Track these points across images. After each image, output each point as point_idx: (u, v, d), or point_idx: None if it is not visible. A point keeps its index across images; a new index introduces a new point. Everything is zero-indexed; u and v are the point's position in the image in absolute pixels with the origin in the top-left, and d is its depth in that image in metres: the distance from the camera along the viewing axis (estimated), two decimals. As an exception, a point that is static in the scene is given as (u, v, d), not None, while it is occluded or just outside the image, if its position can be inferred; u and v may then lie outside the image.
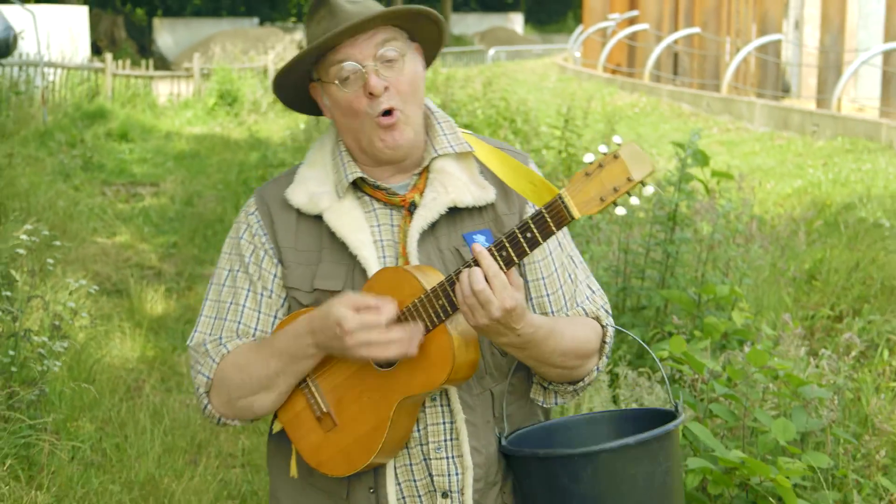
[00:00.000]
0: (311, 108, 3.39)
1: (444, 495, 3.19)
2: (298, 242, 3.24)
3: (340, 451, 3.11)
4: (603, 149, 2.84)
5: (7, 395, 6.73)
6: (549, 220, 2.86)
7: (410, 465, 3.19)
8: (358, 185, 3.25)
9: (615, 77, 28.57)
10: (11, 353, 6.97)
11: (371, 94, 3.10)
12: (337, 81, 3.14)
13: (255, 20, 54.36)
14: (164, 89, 31.02)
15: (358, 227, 3.17)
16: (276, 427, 3.24)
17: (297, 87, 3.32)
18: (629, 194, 2.82)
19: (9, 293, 7.52)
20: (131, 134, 23.08)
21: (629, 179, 2.77)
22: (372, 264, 3.13)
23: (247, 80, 30.12)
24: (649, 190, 2.81)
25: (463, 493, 3.18)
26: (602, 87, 25.80)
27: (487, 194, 3.23)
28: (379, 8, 3.14)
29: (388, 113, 3.13)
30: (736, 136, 19.23)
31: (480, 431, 3.21)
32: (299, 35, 43.56)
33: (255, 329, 3.25)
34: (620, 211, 2.84)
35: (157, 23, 50.95)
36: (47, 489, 6.14)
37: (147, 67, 32.72)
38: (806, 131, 19.42)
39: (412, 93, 3.19)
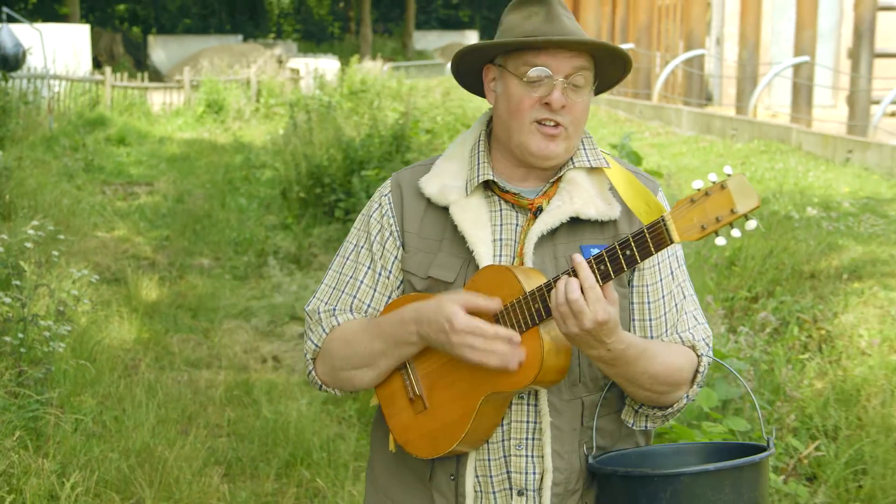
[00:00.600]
0: (472, 81, 3.13)
1: (520, 493, 2.98)
2: (423, 230, 3.04)
3: (427, 434, 2.95)
4: (713, 177, 2.58)
5: (17, 374, 6.72)
6: (648, 239, 2.64)
7: (489, 459, 2.98)
8: (489, 186, 3.03)
9: (559, 87, 28.60)
10: (21, 335, 6.94)
11: (548, 104, 2.87)
12: (525, 79, 2.88)
13: (240, 37, 54.07)
14: (158, 99, 30.94)
15: (480, 223, 2.96)
16: (373, 401, 3.10)
17: (474, 58, 3.05)
18: (731, 226, 2.57)
19: (18, 282, 7.51)
20: (128, 139, 23.04)
21: (733, 211, 2.53)
22: (485, 261, 2.92)
23: (232, 91, 30.04)
24: (752, 224, 2.56)
25: (540, 494, 2.97)
26: (547, 96, 25.80)
27: (612, 210, 2.97)
28: (586, 35, 2.95)
29: (554, 126, 2.90)
30: (665, 140, 19.28)
31: (565, 437, 2.96)
32: (279, 50, 43.42)
33: (369, 306, 3.08)
34: (720, 241, 2.60)
35: (152, 39, 50.71)
36: (53, 457, 6.10)
37: (142, 80, 32.66)
38: (726, 135, 19.49)
39: (582, 119, 2.97)
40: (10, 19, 24.20)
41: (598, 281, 2.66)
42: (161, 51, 47.24)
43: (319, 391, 3.18)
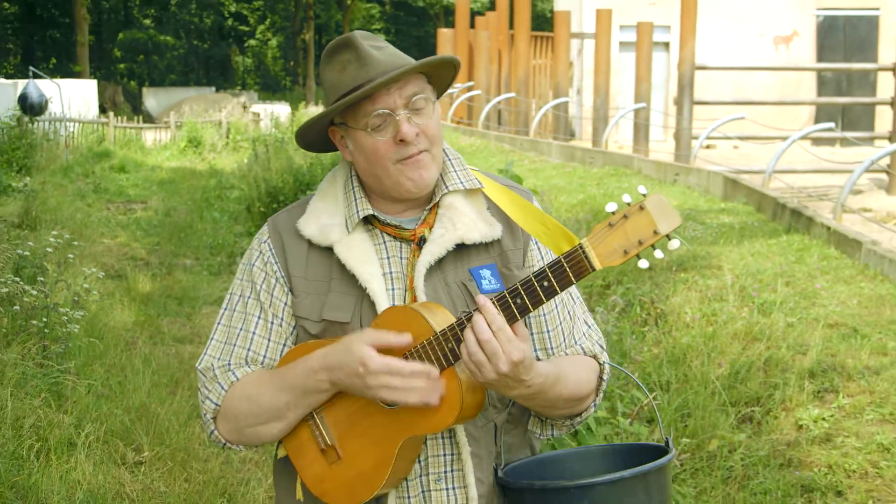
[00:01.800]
0: (325, 146, 2.51)
1: None
2: (309, 272, 2.38)
3: (344, 484, 2.31)
4: (627, 198, 2.05)
5: (42, 349, 6.70)
6: (568, 270, 2.08)
7: (408, 496, 2.34)
8: (368, 220, 2.40)
9: (459, 126, 28.62)
10: (44, 319, 6.93)
11: (403, 140, 2.29)
12: (369, 129, 2.30)
13: (213, 89, 53.84)
14: (150, 136, 30.86)
15: (367, 259, 2.33)
16: (281, 453, 2.44)
17: (315, 129, 2.44)
18: (653, 247, 2.05)
19: (42, 278, 7.52)
20: (127, 167, 22.99)
21: (655, 232, 2.01)
22: (380, 296, 2.30)
23: (207, 130, 29.95)
24: (675, 244, 2.02)
25: None
26: (451, 132, 25.89)
27: (494, 231, 2.37)
28: (406, 58, 2.36)
29: (418, 153, 2.33)
30: (539, 166, 19.38)
31: (484, 462, 2.37)
32: (243, 99, 43.17)
33: (265, 357, 2.40)
34: (643, 264, 2.06)
35: (145, 90, 50.35)
36: (70, 413, 6.08)
37: (138, 121, 32.70)
38: (586, 162, 19.66)
39: (438, 136, 2.37)
40: (36, 76, 24.31)
41: (514, 316, 2.12)
42: (153, 99, 46.83)
43: (223, 449, 2.54)
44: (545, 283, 2.09)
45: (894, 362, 6.45)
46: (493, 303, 2.12)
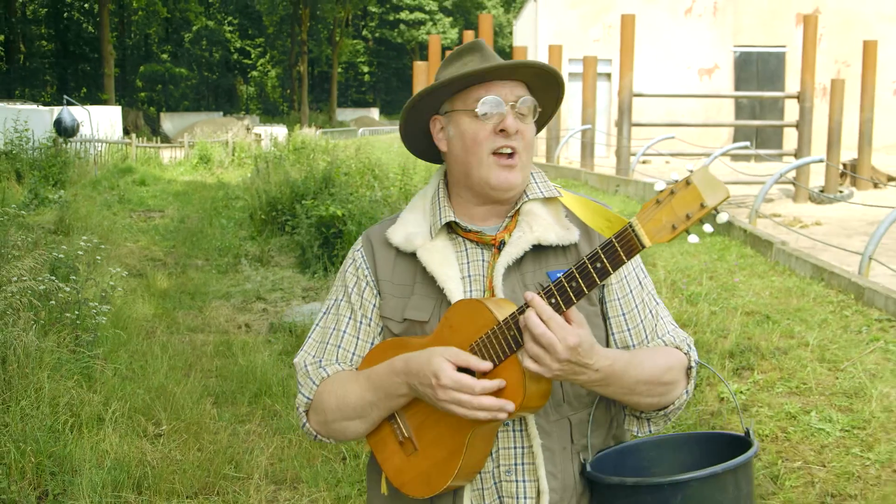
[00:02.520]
0: (420, 141, 2.29)
1: None
2: (395, 276, 2.21)
3: (421, 474, 2.08)
4: (675, 175, 1.81)
5: (74, 338, 6.65)
6: (619, 248, 1.83)
7: (482, 489, 2.10)
8: (451, 228, 2.19)
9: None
10: (77, 312, 6.87)
11: (503, 131, 2.08)
12: (476, 111, 2.09)
13: (221, 113, 53.63)
14: (167, 154, 30.62)
15: (447, 263, 2.13)
16: (366, 448, 2.16)
17: (419, 118, 2.23)
18: (702, 222, 1.77)
19: (74, 277, 7.46)
20: (147, 181, 22.82)
21: (702, 206, 1.72)
22: (456, 297, 2.08)
23: (216, 149, 29.86)
24: (724, 217, 1.75)
25: None
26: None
27: (571, 235, 2.14)
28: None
29: (510, 155, 2.11)
30: (500, 179, 19.41)
31: (557, 457, 2.09)
32: (247, 122, 43.01)
33: (354, 353, 2.23)
34: (693, 239, 1.79)
35: (163, 115, 49.98)
36: (99, 392, 6.05)
37: (157, 142, 32.40)
38: (539, 175, 19.70)
39: (532, 144, 2.17)
40: (69, 103, 24.43)
41: (563, 305, 1.88)
42: (169, 123, 46.54)
43: (314, 441, 2.39)
44: (598, 265, 1.85)
45: (800, 343, 6.49)
46: (541, 295, 1.89)
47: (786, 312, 7.26)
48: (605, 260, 1.83)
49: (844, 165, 19.08)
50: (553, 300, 1.88)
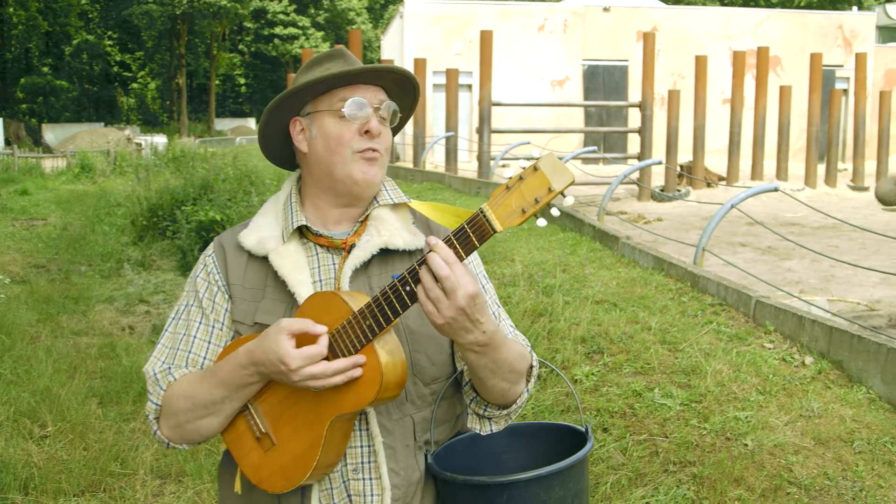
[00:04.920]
0: (280, 147, 2.16)
1: None
2: (246, 280, 2.07)
3: (279, 469, 1.95)
4: (523, 163, 1.75)
5: (-44, 345, 6.33)
6: (470, 233, 1.75)
7: (331, 488, 1.99)
8: (303, 233, 2.09)
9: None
10: (-42, 320, 6.54)
11: (368, 132, 2.00)
12: (343, 111, 1.99)
13: (102, 123, 51.88)
14: (49, 164, 29.63)
15: (298, 267, 2.02)
16: (223, 446, 2.07)
17: (277, 129, 2.11)
18: (550, 206, 1.74)
19: (-45, 285, 7.11)
20: (30, 190, 21.99)
21: (550, 190, 1.67)
22: None
23: (97, 158, 28.94)
24: (569, 200, 1.79)
25: None
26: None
27: (417, 240, 2.07)
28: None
29: (373, 152, 2.02)
30: (371, 183, 19.38)
31: (399, 455, 2.00)
32: (128, 132, 41.75)
33: (205, 358, 2.07)
34: (542, 222, 1.85)
35: (45, 126, 48.10)
36: (-17, 397, 5.78)
37: (38, 152, 31.24)
38: (408, 179, 19.71)
39: (390, 149, 2.09)
40: None
41: (416, 292, 1.79)
42: (51, 133, 44.80)
43: (167, 449, 2.18)
44: (452, 250, 1.76)
45: (644, 328, 6.66)
46: (395, 282, 1.79)
47: (631, 300, 7.44)
48: (457, 245, 1.76)
49: (681, 167, 19.76)
50: (407, 287, 1.79)
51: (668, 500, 4.36)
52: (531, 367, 2.08)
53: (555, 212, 1.78)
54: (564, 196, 1.75)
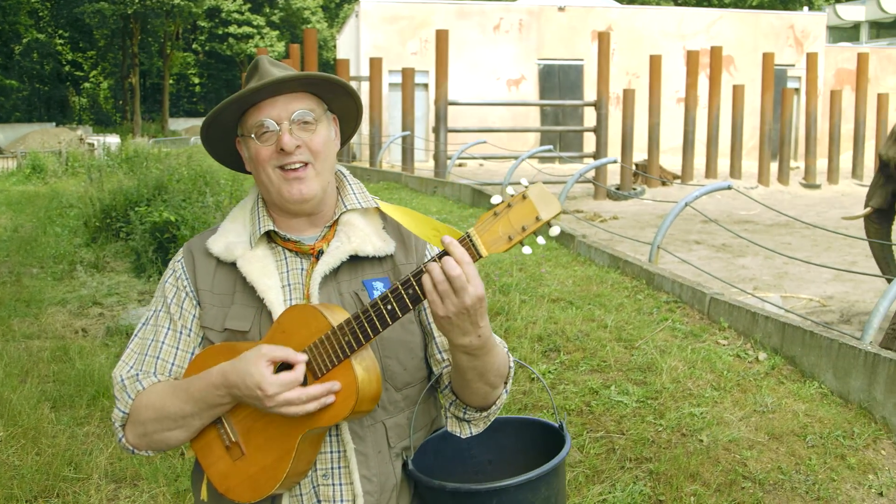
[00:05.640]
0: (238, 163, 2.17)
1: None
2: (215, 286, 2.07)
3: (247, 479, 1.94)
4: (510, 190, 1.76)
5: None
6: None
7: (301, 493, 1.98)
8: (271, 237, 2.09)
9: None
10: None
11: (282, 150, 1.98)
12: (254, 135, 2.00)
13: (54, 123, 51.12)
14: (-1, 165, 29.08)
15: (267, 272, 2.02)
16: (189, 454, 1.92)
17: (226, 143, 2.13)
18: (536, 234, 1.74)
19: None
20: (-22, 192, 21.55)
21: (537, 219, 1.70)
22: (277, 307, 1.98)
23: (49, 159, 28.52)
24: (556, 230, 1.76)
25: None
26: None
27: (388, 246, 2.07)
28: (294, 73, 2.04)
29: (296, 169, 2.01)
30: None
31: (371, 461, 2.00)
32: (80, 132, 41.13)
33: (173, 364, 2.07)
34: (527, 250, 1.74)
35: (-7, 126, 47.42)
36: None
37: (-13, 153, 30.62)
38: (364, 179, 19.67)
39: (323, 152, 2.03)
40: None
41: (398, 311, 1.82)
42: (0, 133, 44.03)
43: (133, 455, 2.16)
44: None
45: (600, 326, 6.72)
46: (378, 300, 1.82)
47: (587, 298, 7.49)
48: None
49: (636, 166, 19.93)
50: (389, 306, 1.81)
51: (625, 496, 4.40)
52: (509, 368, 2.08)
53: (540, 240, 1.79)
54: (551, 225, 1.75)
